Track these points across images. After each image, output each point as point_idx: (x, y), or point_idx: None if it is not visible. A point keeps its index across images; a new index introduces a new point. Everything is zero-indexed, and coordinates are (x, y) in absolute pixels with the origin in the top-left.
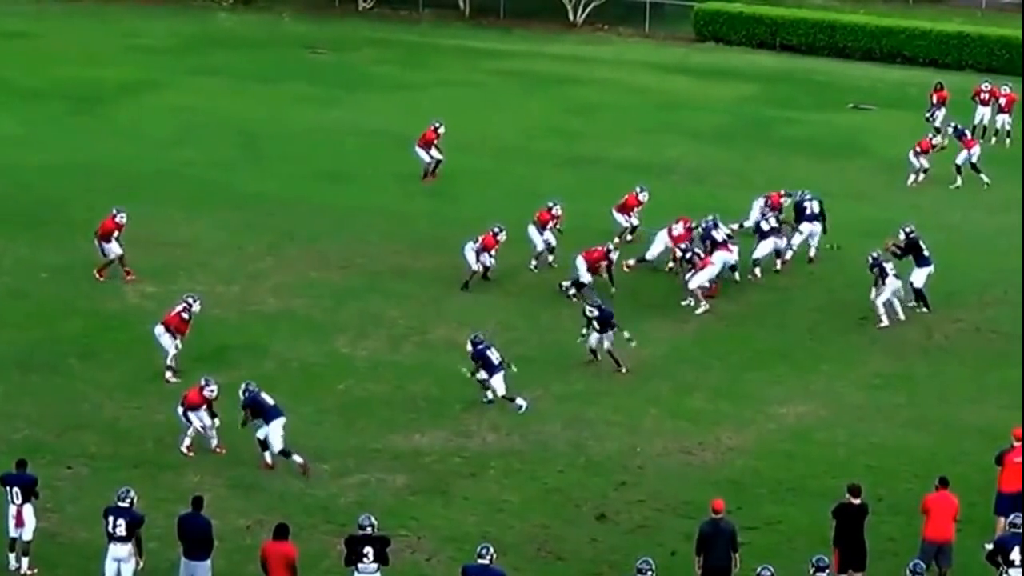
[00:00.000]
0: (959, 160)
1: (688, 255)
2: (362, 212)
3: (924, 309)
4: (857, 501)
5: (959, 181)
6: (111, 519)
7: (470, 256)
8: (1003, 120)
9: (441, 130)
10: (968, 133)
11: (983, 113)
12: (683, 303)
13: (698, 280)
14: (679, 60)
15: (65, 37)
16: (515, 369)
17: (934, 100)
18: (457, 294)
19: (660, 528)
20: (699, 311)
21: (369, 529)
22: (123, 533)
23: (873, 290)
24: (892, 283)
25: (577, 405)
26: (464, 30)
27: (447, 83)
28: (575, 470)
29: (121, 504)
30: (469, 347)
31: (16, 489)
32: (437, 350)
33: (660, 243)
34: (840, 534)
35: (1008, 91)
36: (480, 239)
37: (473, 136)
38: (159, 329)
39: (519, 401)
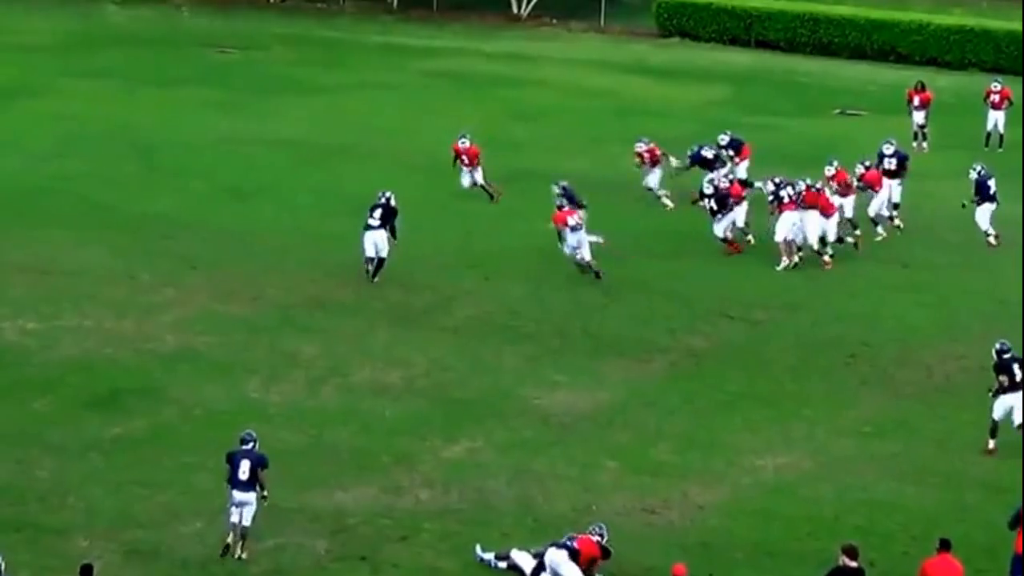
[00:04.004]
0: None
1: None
2: (274, 235)
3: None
4: (854, 564)
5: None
6: None
7: None
8: None
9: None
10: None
11: (996, 118)
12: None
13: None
14: (638, 59)
15: None
16: None
17: (915, 102)
18: (383, 329)
19: None
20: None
21: None
22: None
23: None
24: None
25: (524, 457)
26: (391, 25)
27: (371, 85)
28: (522, 532)
29: None
30: None
31: None
32: (361, 394)
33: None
34: None
35: None
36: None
37: (401, 147)
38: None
39: None
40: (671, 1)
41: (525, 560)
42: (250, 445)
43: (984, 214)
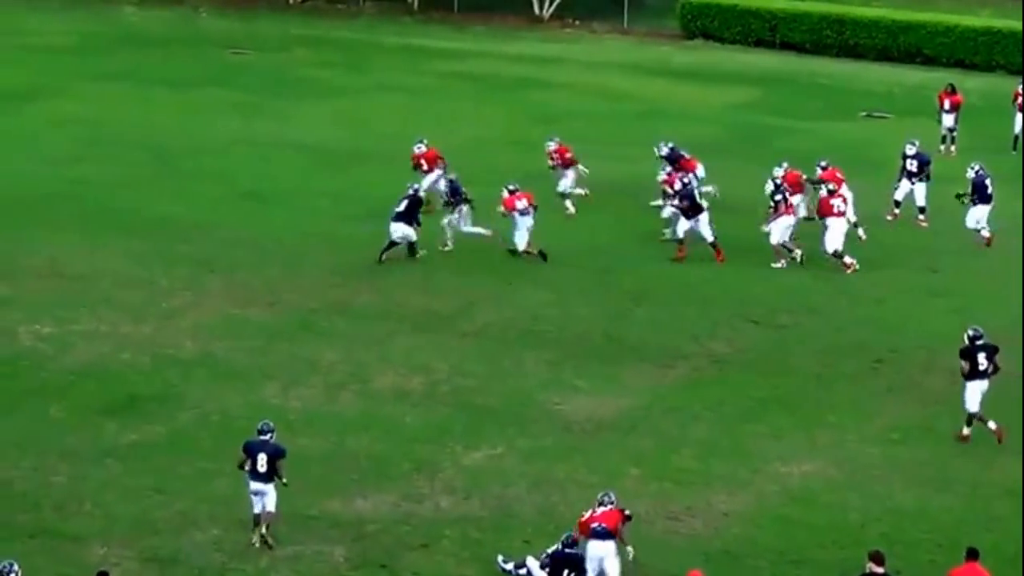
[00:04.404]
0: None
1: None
2: (292, 239)
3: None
4: (881, 570)
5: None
6: None
7: None
8: None
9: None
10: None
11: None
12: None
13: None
14: (662, 60)
15: None
16: None
17: (946, 105)
18: (403, 335)
19: None
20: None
21: None
22: None
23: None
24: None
25: (545, 463)
26: (411, 26)
27: (391, 88)
28: (543, 539)
29: None
30: None
31: None
32: (381, 400)
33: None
34: None
35: None
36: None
37: None
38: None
39: None
40: (696, 2)
41: (536, 567)
42: (267, 436)
43: (974, 214)
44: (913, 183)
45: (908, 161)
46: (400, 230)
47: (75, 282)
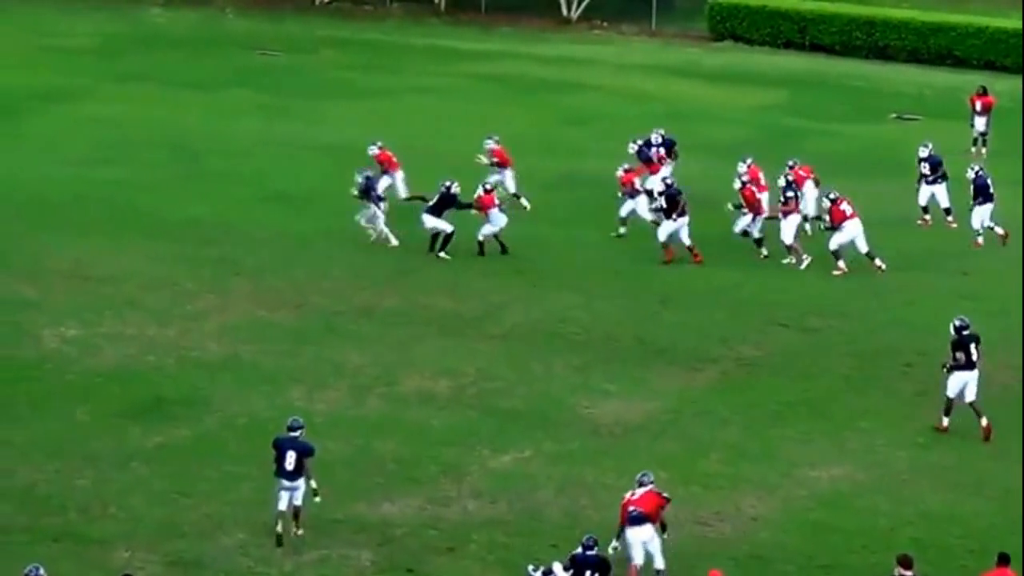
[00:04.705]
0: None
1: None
2: (319, 241)
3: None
4: (909, 574)
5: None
6: None
7: None
8: None
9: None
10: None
11: None
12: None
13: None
14: (691, 62)
15: None
16: None
17: (977, 107)
18: (430, 338)
19: None
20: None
21: None
22: None
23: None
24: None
25: (573, 467)
26: (439, 28)
27: (418, 89)
28: (570, 544)
29: None
30: None
31: None
32: (408, 403)
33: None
34: None
35: None
36: None
37: (447, 151)
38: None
39: None
40: (725, 4)
41: (561, 572)
42: (297, 433)
43: (979, 214)
44: (929, 185)
45: (922, 164)
46: (430, 222)
47: (100, 284)
